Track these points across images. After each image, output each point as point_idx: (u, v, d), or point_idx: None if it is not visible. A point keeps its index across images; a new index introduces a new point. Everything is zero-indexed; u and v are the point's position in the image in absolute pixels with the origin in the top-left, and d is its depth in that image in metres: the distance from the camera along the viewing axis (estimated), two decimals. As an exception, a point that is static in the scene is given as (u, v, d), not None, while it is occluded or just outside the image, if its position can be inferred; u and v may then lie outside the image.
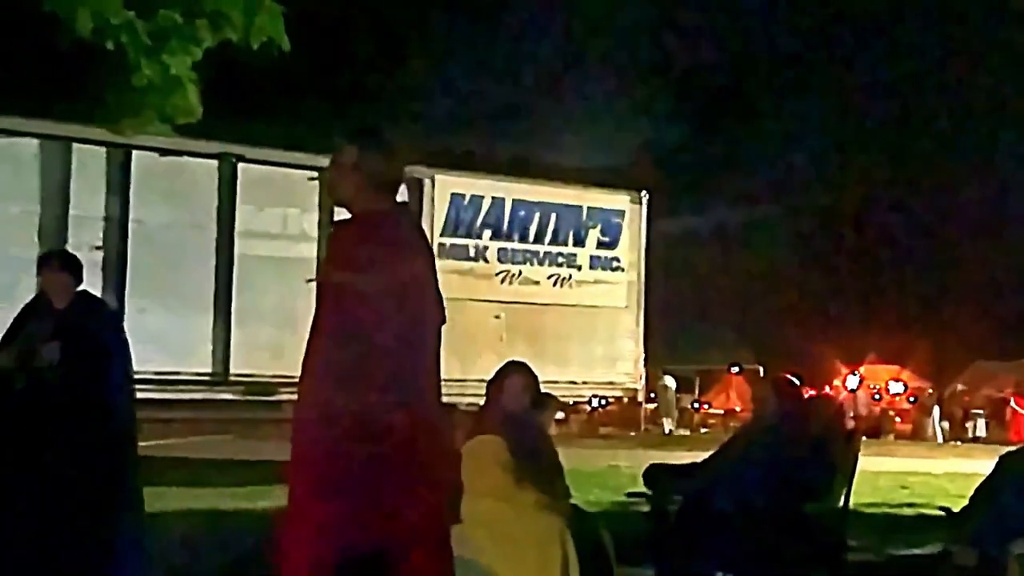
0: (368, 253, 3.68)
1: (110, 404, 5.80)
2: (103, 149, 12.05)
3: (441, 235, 13.81)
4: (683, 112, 39.84)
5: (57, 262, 6.01)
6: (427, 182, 13.72)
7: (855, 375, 33.25)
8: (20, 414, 5.62)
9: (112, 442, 5.77)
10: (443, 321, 3.82)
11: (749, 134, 41.57)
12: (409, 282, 3.69)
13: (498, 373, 5.91)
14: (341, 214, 3.97)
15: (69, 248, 11.72)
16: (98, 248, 12.07)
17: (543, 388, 6.15)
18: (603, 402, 18.65)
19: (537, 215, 14.76)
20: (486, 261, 14.30)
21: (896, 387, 33.85)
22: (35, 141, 11.90)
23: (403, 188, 4.47)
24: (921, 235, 43.22)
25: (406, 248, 3.78)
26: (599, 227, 15.23)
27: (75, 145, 11.99)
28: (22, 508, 5.43)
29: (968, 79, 39.74)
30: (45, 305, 5.86)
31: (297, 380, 3.72)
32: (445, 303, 3.85)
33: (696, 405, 32.84)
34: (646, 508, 6.68)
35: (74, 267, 6.03)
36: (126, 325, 11.54)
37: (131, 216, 12.23)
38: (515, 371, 5.92)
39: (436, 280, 3.81)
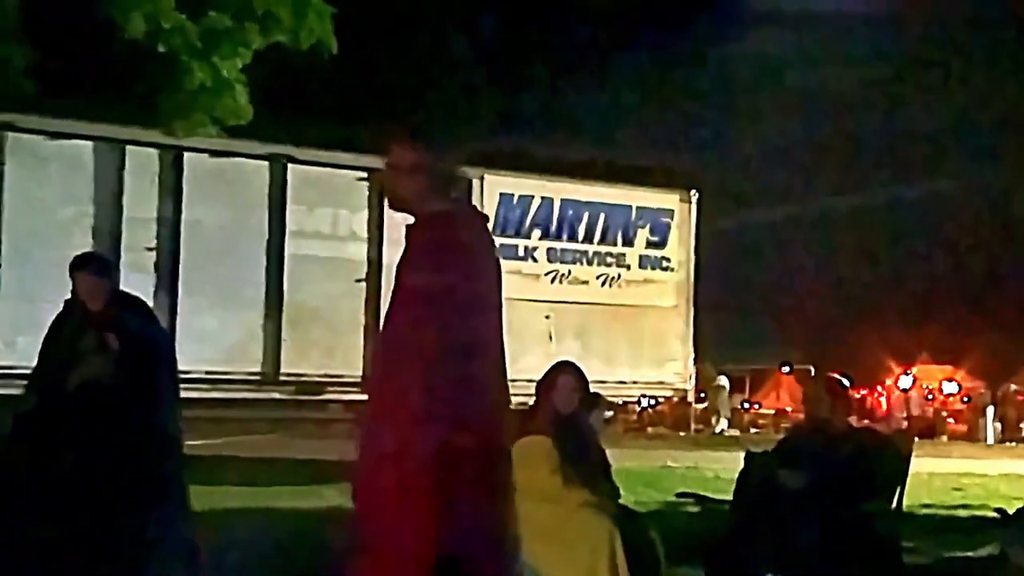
0: (445, 254, 3.59)
1: (157, 401, 5.84)
2: (155, 151, 12.17)
3: (490, 235, 13.81)
4: (725, 106, 39.66)
5: (88, 265, 5.98)
6: (476, 182, 13.73)
7: (908, 375, 32.89)
8: (70, 412, 5.66)
9: (159, 438, 5.81)
10: None
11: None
12: (486, 281, 3.66)
13: (547, 373, 5.90)
14: (392, 215, 3.88)
15: (123, 249, 11.91)
16: (151, 249, 12.21)
17: (592, 388, 6.14)
18: (652, 402, 18.60)
19: (586, 215, 14.73)
20: (535, 261, 14.29)
21: (949, 387, 33.44)
22: (89, 143, 12.04)
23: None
24: (975, 234, 42.70)
25: (481, 247, 3.73)
26: (648, 226, 15.17)
27: (128, 147, 12.12)
28: (68, 505, 5.48)
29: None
30: (82, 308, 5.87)
31: (346, 380, 3.70)
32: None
33: (746, 405, 32.64)
34: (695, 508, 6.64)
35: (106, 268, 6.03)
36: (178, 325, 11.79)
37: (183, 217, 12.35)
38: (565, 371, 5.91)
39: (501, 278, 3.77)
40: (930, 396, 32.90)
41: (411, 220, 3.74)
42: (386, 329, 3.66)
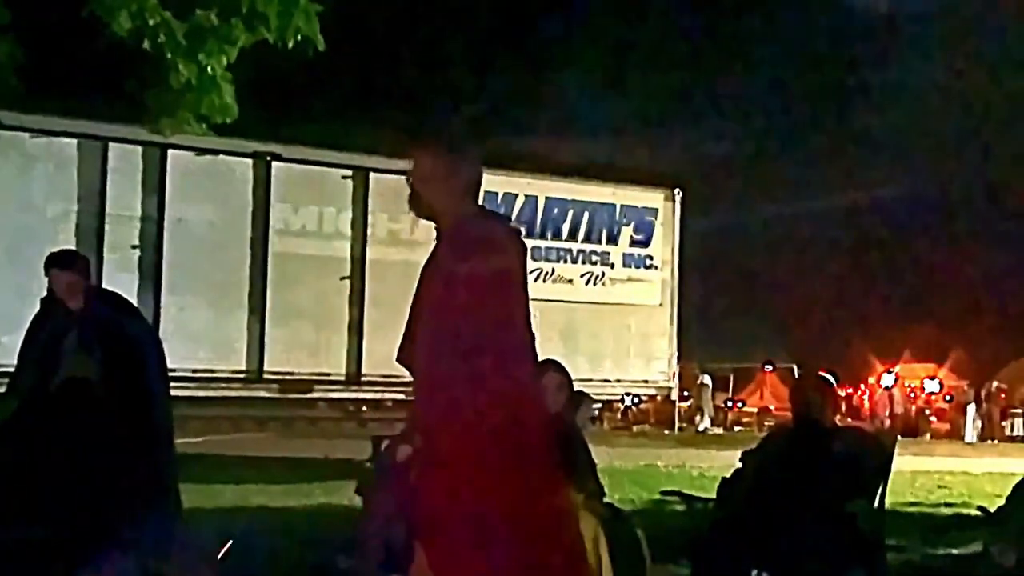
0: (488, 257, 3.55)
1: (145, 398, 5.82)
2: (140, 148, 12.16)
3: (475, 233, 13.79)
4: (724, 108, 39.74)
5: (61, 262, 5.89)
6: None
7: (890, 373, 32.98)
8: (55, 412, 5.64)
9: (150, 436, 5.78)
10: None
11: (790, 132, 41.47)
12: (523, 280, 3.63)
13: (533, 371, 5.89)
14: (377, 214, 3.87)
15: (108, 247, 11.89)
16: (135, 247, 12.19)
17: (577, 386, 6.15)
18: (636, 400, 18.63)
19: (570, 213, 14.75)
20: (520, 259, 14.31)
21: (931, 385, 33.56)
22: (74, 141, 12.02)
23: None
24: (960, 234, 42.90)
25: (516, 246, 3.69)
26: (632, 225, 15.20)
27: (112, 144, 12.10)
28: (56, 505, 5.46)
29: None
30: (62, 307, 5.82)
31: (332, 378, 3.69)
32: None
33: (730, 403, 32.71)
34: (681, 506, 6.66)
35: (81, 265, 5.99)
36: (163, 323, 11.76)
37: (167, 215, 12.33)
38: (549, 369, 5.91)
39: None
40: (912, 395, 33.01)
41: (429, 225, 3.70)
42: (431, 335, 3.56)
